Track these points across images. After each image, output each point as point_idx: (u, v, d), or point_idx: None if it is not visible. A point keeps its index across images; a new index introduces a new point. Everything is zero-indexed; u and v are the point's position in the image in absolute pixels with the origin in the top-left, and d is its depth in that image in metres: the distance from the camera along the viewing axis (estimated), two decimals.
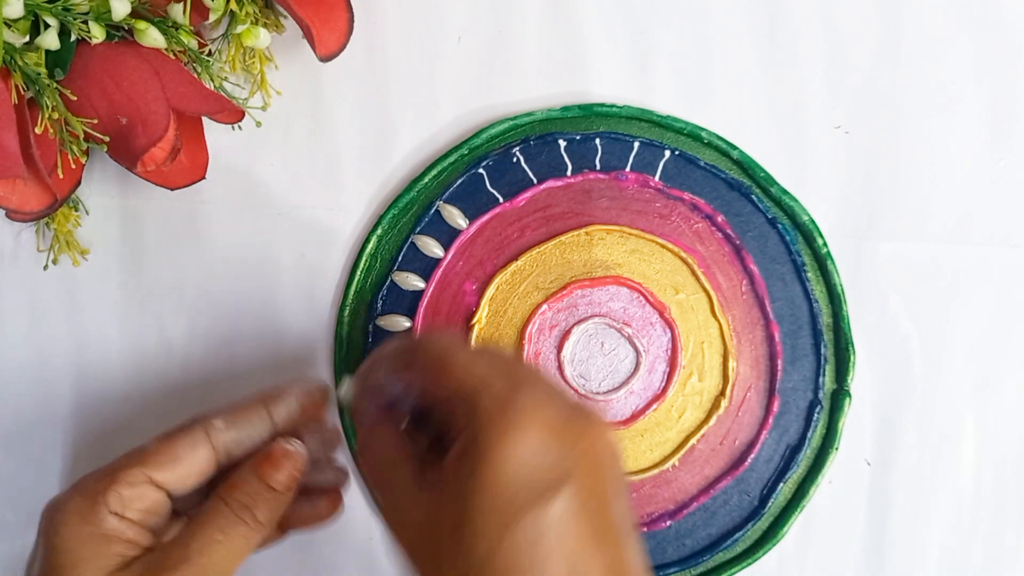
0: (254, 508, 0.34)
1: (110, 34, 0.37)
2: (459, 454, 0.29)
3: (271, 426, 0.36)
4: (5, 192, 0.38)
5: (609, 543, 0.29)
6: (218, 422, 0.36)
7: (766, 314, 0.42)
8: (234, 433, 0.36)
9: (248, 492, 0.35)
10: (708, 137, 0.43)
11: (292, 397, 0.37)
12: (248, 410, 0.36)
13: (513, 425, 0.28)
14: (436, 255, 0.43)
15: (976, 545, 0.43)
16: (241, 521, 0.34)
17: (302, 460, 0.35)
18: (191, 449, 0.35)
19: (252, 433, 0.36)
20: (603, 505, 0.29)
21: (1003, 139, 0.43)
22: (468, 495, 0.28)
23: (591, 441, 0.29)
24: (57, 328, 0.43)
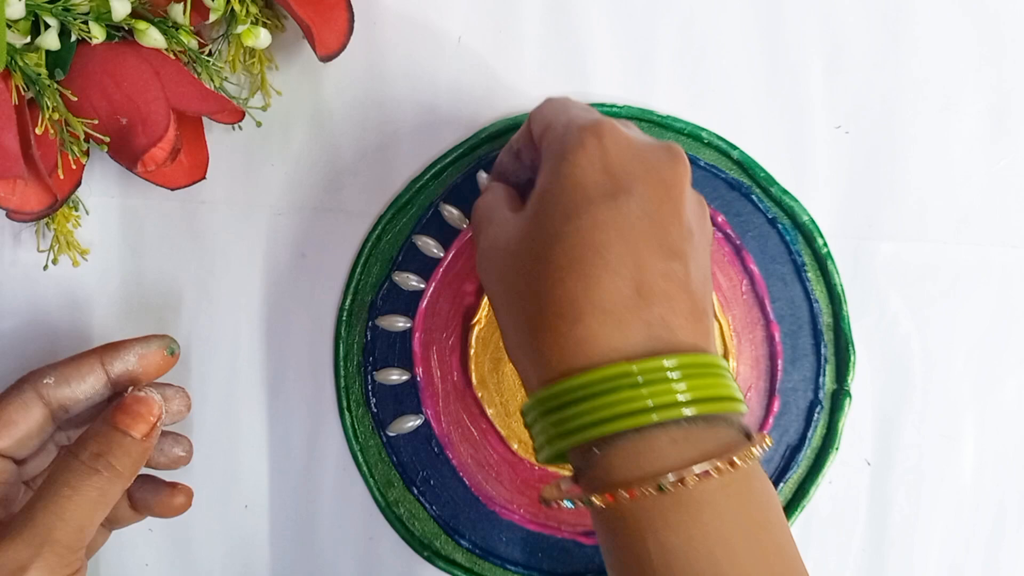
0: (109, 455, 0.33)
1: (110, 34, 0.37)
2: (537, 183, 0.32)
3: (106, 381, 0.36)
4: (5, 192, 0.38)
5: (671, 254, 0.30)
6: (48, 379, 0.35)
7: (766, 314, 0.42)
8: (67, 389, 0.35)
9: (100, 441, 0.33)
10: (708, 137, 0.43)
11: (130, 351, 0.36)
12: (81, 365, 0.35)
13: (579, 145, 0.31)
14: (436, 255, 0.43)
15: (976, 545, 0.43)
16: (94, 471, 0.33)
17: (158, 405, 0.34)
18: (24, 410, 0.34)
19: (87, 388, 0.35)
20: (666, 224, 0.30)
21: (1003, 139, 0.43)
22: (537, 203, 0.31)
23: (662, 164, 0.31)
24: (57, 328, 0.43)
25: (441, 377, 0.43)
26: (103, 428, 0.34)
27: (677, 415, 0.28)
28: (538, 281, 0.30)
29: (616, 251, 0.29)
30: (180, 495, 0.38)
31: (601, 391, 0.28)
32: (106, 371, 0.36)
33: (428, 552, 0.42)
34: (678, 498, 0.28)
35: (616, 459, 0.28)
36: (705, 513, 0.28)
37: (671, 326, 0.29)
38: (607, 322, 0.29)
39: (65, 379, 0.35)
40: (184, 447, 0.39)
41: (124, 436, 0.33)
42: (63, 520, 0.32)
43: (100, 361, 0.36)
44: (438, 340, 0.43)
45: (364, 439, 0.43)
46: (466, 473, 0.42)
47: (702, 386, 0.28)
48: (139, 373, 0.36)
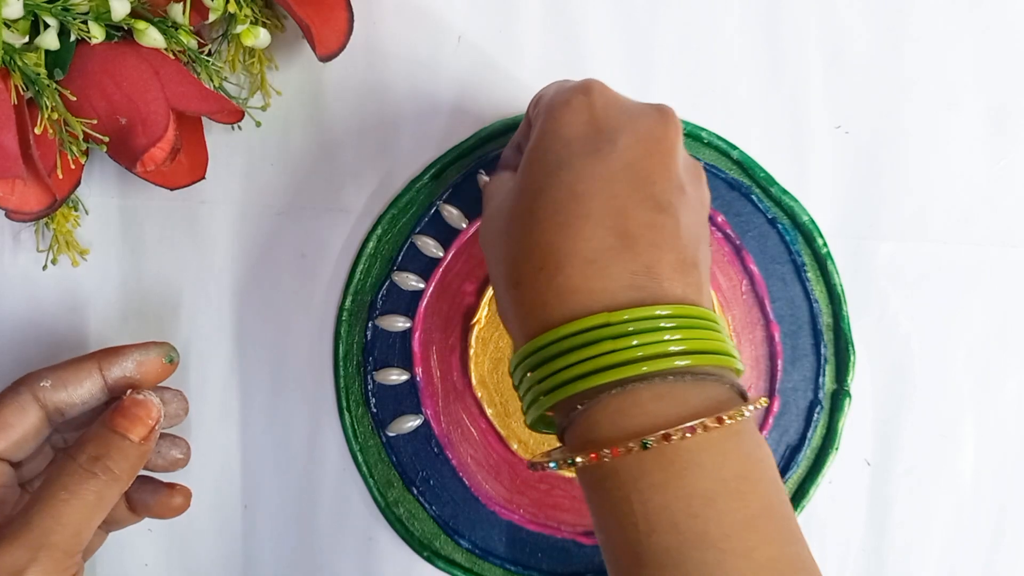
0: (107, 458, 0.33)
1: (110, 34, 0.37)
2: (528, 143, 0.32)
3: (103, 386, 0.35)
4: (5, 192, 0.38)
5: (658, 206, 0.29)
6: (45, 382, 0.35)
7: (766, 314, 0.42)
8: (63, 393, 0.35)
9: (98, 444, 0.33)
10: (708, 137, 0.43)
11: (128, 358, 0.36)
12: (79, 369, 0.35)
13: (566, 103, 0.31)
14: (436, 255, 0.43)
15: (976, 545, 0.43)
16: (92, 474, 0.32)
17: (156, 409, 0.34)
18: (20, 413, 0.34)
19: (83, 393, 0.35)
20: (653, 176, 0.30)
21: (1003, 139, 0.43)
22: (525, 161, 0.31)
23: (650, 121, 0.31)
24: (57, 328, 0.43)
25: (441, 377, 0.43)
26: (101, 431, 0.33)
27: (662, 367, 0.27)
28: (522, 235, 0.30)
29: (599, 201, 0.29)
30: (178, 496, 0.38)
31: (581, 343, 0.28)
32: (103, 376, 0.36)
33: (428, 552, 0.42)
34: (662, 456, 0.27)
35: (599, 415, 0.28)
36: (690, 471, 0.27)
37: (657, 276, 0.28)
38: (588, 271, 0.28)
39: (62, 383, 0.35)
40: (182, 449, 0.39)
41: (122, 439, 0.33)
42: (60, 524, 0.31)
43: (98, 366, 0.36)
44: (438, 340, 0.43)
45: (364, 439, 0.43)
46: (466, 473, 0.42)
47: (690, 338, 0.28)
48: (137, 380, 0.36)
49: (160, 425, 0.35)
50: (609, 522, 0.28)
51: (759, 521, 0.27)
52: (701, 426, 0.27)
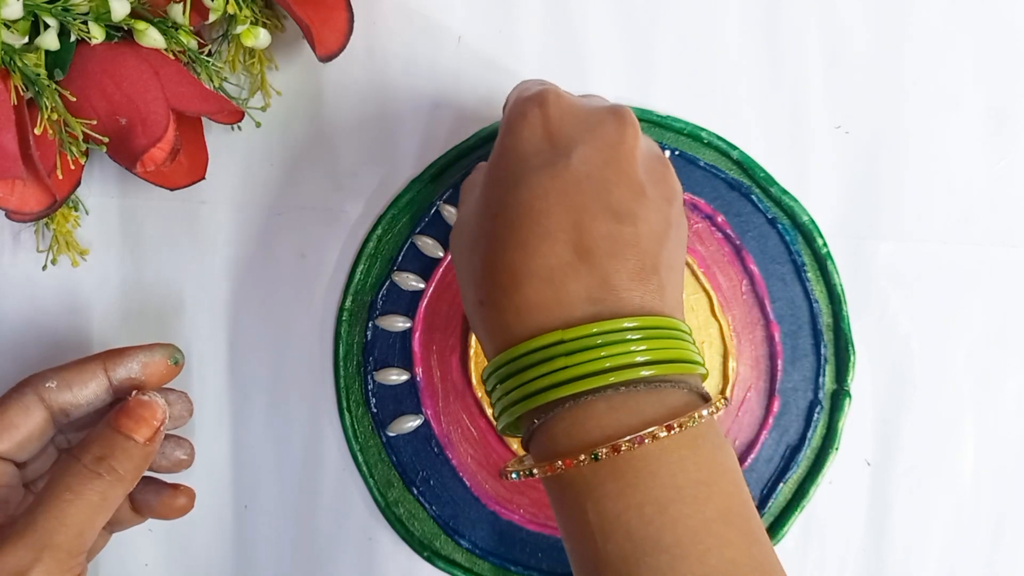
0: (111, 459, 0.33)
1: (110, 34, 0.37)
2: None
3: (108, 387, 0.35)
4: (5, 192, 0.38)
5: (616, 215, 0.29)
6: (50, 383, 0.35)
7: (766, 314, 0.42)
8: (68, 394, 0.35)
9: (103, 444, 0.33)
10: (708, 137, 0.43)
11: (133, 359, 0.36)
12: (84, 370, 0.35)
13: (521, 116, 0.31)
14: (436, 255, 0.43)
15: (976, 545, 0.43)
16: (96, 474, 0.32)
17: (161, 410, 0.34)
18: (25, 414, 0.34)
19: (88, 394, 0.35)
20: (610, 185, 0.30)
21: (1003, 139, 0.43)
22: (485, 178, 0.32)
23: (608, 128, 0.31)
24: (57, 328, 0.43)
25: (441, 377, 0.43)
26: (106, 431, 0.33)
27: (617, 379, 0.27)
28: (485, 255, 0.30)
29: (555, 217, 0.29)
30: (182, 496, 0.38)
31: (538, 360, 0.28)
32: (108, 377, 0.36)
33: (428, 552, 0.42)
34: (614, 465, 0.27)
35: (556, 428, 0.28)
36: (643, 480, 0.27)
37: (615, 288, 0.29)
38: (544, 290, 0.29)
39: (67, 383, 0.35)
40: (186, 450, 0.39)
41: (127, 440, 0.33)
42: (64, 524, 0.31)
43: (103, 367, 0.36)
44: (438, 340, 0.43)
45: (364, 439, 0.43)
46: (466, 473, 0.42)
47: (649, 348, 0.28)
48: (142, 381, 0.36)
49: (165, 426, 0.35)
50: (570, 530, 0.29)
51: (715, 525, 0.27)
52: (651, 435, 0.27)
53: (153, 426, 0.34)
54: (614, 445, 0.27)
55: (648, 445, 0.27)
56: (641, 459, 0.27)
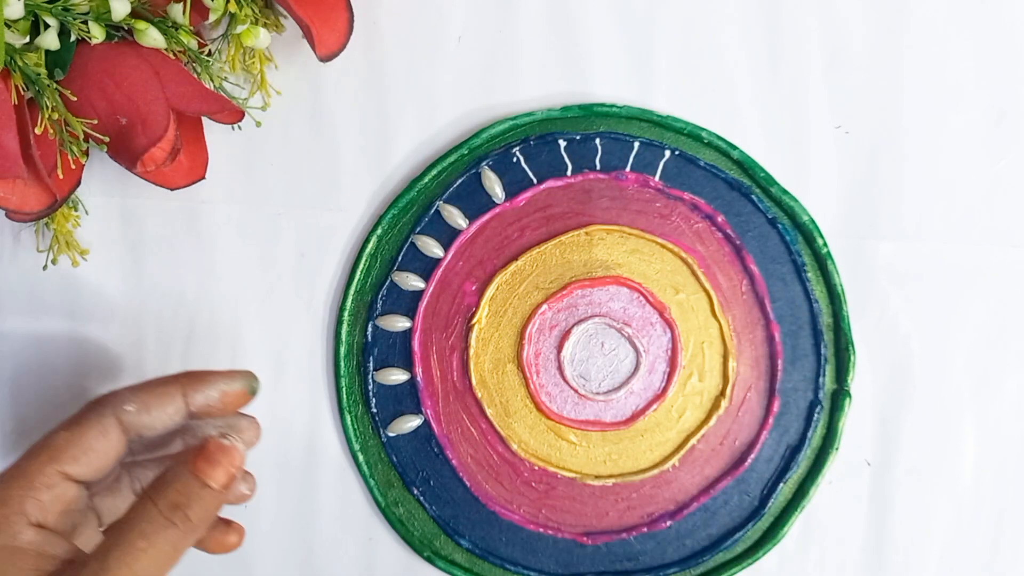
0: (187, 508, 0.31)
1: (110, 34, 0.37)
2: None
3: (185, 412, 0.34)
4: (5, 192, 0.38)
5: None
6: (130, 407, 0.34)
7: (766, 314, 0.42)
8: (147, 418, 0.34)
9: (180, 490, 0.32)
10: (708, 137, 0.43)
11: (212, 385, 0.35)
12: (164, 394, 0.34)
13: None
14: (436, 255, 0.43)
15: (976, 545, 0.43)
16: (170, 524, 0.31)
17: (240, 456, 0.33)
18: (102, 437, 0.33)
19: (165, 419, 0.34)
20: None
21: (1003, 139, 0.43)
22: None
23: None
24: (57, 328, 0.43)
25: (441, 377, 0.43)
26: (183, 475, 0.32)
27: None
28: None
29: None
30: (234, 535, 0.36)
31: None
32: (186, 403, 0.34)
33: (428, 552, 0.42)
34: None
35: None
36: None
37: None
38: None
39: (146, 407, 0.34)
40: (249, 485, 0.37)
41: (203, 487, 0.32)
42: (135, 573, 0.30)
43: (182, 392, 0.34)
44: (438, 340, 0.43)
45: (364, 439, 0.43)
46: (466, 473, 0.42)
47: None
48: (218, 408, 0.35)
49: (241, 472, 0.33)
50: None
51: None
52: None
53: (231, 473, 0.32)
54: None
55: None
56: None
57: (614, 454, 0.43)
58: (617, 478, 0.42)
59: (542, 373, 0.43)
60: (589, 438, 0.43)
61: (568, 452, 0.43)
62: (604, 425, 0.42)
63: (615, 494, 0.42)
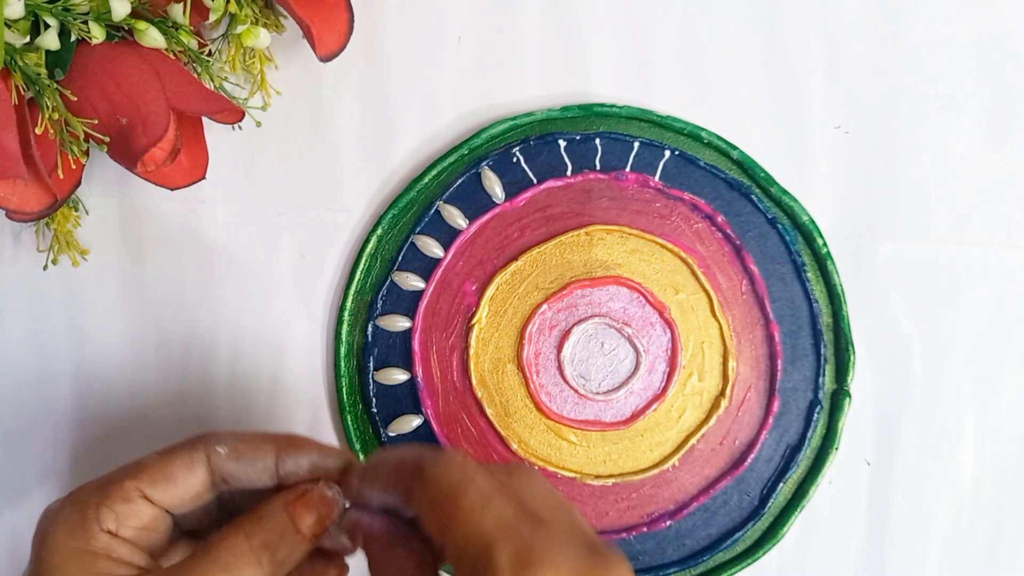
0: (275, 548, 0.31)
1: (110, 34, 0.37)
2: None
3: (274, 473, 0.34)
4: (5, 192, 0.38)
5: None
6: (222, 449, 0.33)
7: (766, 314, 0.42)
8: (235, 466, 0.33)
9: (273, 529, 0.32)
10: (708, 137, 0.43)
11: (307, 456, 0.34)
12: (258, 449, 0.34)
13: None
14: (436, 255, 0.43)
15: (976, 545, 0.43)
16: (256, 561, 0.31)
17: (337, 510, 0.33)
18: (188, 470, 0.33)
19: (253, 473, 0.33)
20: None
21: (1003, 139, 0.43)
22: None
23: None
24: (57, 328, 0.43)
25: (441, 377, 0.43)
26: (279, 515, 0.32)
27: None
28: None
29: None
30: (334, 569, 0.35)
31: None
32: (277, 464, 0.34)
33: None
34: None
35: None
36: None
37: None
38: None
39: (237, 455, 0.33)
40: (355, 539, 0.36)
41: (295, 532, 0.31)
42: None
43: (276, 452, 0.34)
44: (438, 340, 0.43)
45: (364, 439, 0.43)
46: None
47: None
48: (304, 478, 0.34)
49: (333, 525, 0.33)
50: None
51: None
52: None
53: (324, 524, 0.32)
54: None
55: None
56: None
57: (614, 454, 0.43)
58: (617, 478, 0.42)
59: (542, 373, 0.43)
60: (589, 438, 0.43)
61: (568, 452, 0.43)
62: (604, 425, 0.42)
63: (615, 494, 0.42)
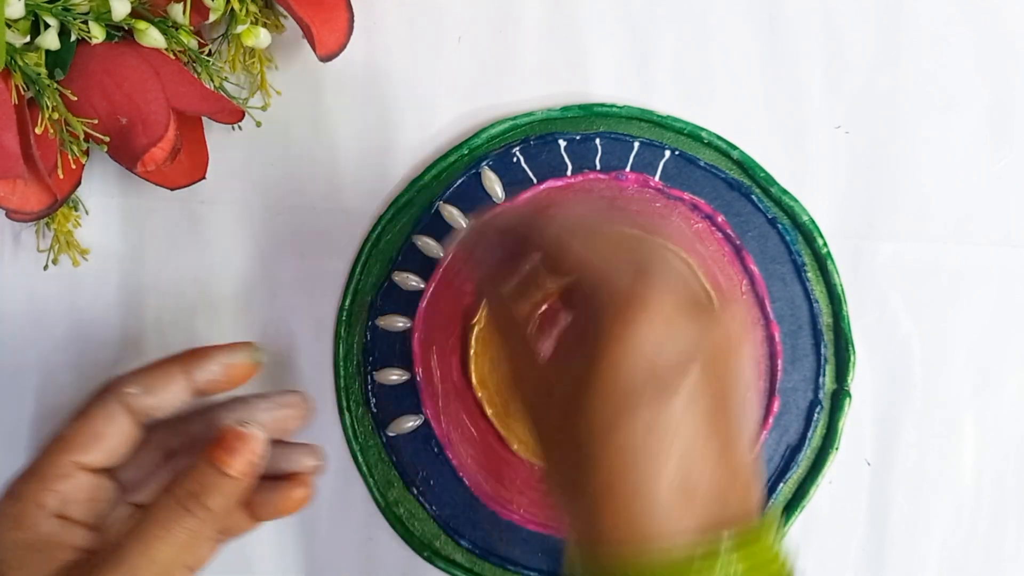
0: (204, 496, 0.32)
1: (110, 34, 0.37)
2: (579, 337, 0.28)
3: (191, 390, 0.34)
4: (5, 192, 0.38)
5: (724, 443, 0.28)
6: (132, 389, 0.33)
7: (766, 314, 0.42)
8: (151, 399, 0.34)
9: (197, 480, 0.32)
10: (708, 137, 0.43)
11: (214, 360, 0.35)
12: (165, 374, 0.34)
13: (635, 320, 0.27)
14: (436, 255, 0.43)
15: (976, 545, 0.43)
16: (186, 511, 0.31)
17: (260, 442, 0.33)
18: (110, 421, 0.33)
19: (171, 398, 0.34)
20: (723, 402, 0.28)
21: (1003, 139, 0.43)
22: (586, 382, 0.28)
23: (717, 335, 0.28)
24: (57, 328, 0.43)
25: (441, 377, 0.43)
26: (201, 465, 0.32)
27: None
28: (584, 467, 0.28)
29: (666, 445, 0.27)
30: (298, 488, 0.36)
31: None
32: (190, 380, 0.34)
33: (428, 552, 0.42)
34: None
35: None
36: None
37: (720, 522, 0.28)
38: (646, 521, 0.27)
39: (149, 389, 0.34)
40: (317, 455, 0.37)
41: (221, 475, 0.32)
42: (151, 561, 0.31)
43: (183, 370, 0.34)
44: (438, 340, 0.43)
45: (364, 439, 0.43)
46: (466, 473, 0.42)
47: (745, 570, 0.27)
48: (224, 383, 0.35)
49: (264, 458, 0.33)
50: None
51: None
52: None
53: (249, 460, 0.32)
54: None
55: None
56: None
57: None
58: None
59: None
60: None
61: None
62: None
63: None
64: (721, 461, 0.28)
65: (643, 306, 0.27)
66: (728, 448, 0.28)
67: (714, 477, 0.28)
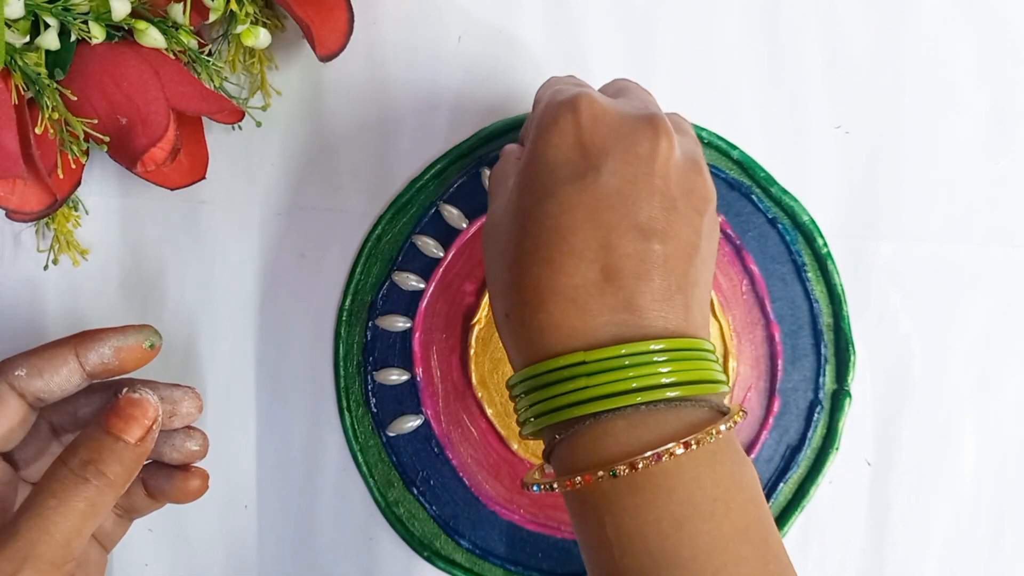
0: (100, 463, 0.31)
1: (110, 34, 0.37)
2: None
3: (82, 372, 0.34)
4: (5, 192, 0.38)
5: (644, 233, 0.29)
6: (20, 371, 0.33)
7: (766, 314, 0.42)
8: (40, 381, 0.33)
9: (91, 447, 0.32)
10: (708, 137, 0.43)
11: (106, 343, 0.34)
12: (55, 356, 0.34)
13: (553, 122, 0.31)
14: (436, 255, 0.43)
15: (976, 545, 0.43)
16: (83, 480, 0.31)
17: (153, 408, 0.33)
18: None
19: (61, 380, 0.33)
20: (640, 201, 0.29)
21: (1003, 139, 0.43)
22: (516, 184, 0.31)
23: (639, 139, 0.30)
24: (57, 328, 0.43)
25: (441, 377, 0.43)
26: (95, 432, 0.32)
27: (635, 400, 0.28)
28: (510, 266, 0.30)
29: (582, 235, 0.29)
30: (195, 478, 0.37)
31: (557, 379, 0.29)
32: (81, 363, 0.34)
33: (428, 552, 0.42)
34: (632, 482, 0.28)
35: (575, 445, 0.29)
36: (660, 496, 0.28)
37: (639, 308, 0.29)
38: (568, 310, 0.29)
39: (37, 371, 0.33)
40: (198, 441, 0.37)
41: (116, 441, 0.32)
42: (48, 534, 0.30)
43: (74, 352, 0.34)
44: (438, 340, 0.43)
45: (364, 439, 0.43)
46: (466, 473, 0.42)
47: (673, 370, 0.28)
48: (115, 366, 0.34)
49: (158, 424, 0.33)
50: (589, 543, 0.29)
51: (732, 542, 0.28)
52: (667, 452, 0.27)
53: (145, 425, 0.32)
54: (631, 462, 0.27)
55: (665, 462, 0.27)
56: (659, 475, 0.28)
57: None
58: None
59: None
60: None
61: None
62: None
63: None
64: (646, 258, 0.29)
65: (574, 105, 0.31)
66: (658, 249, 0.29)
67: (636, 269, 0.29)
